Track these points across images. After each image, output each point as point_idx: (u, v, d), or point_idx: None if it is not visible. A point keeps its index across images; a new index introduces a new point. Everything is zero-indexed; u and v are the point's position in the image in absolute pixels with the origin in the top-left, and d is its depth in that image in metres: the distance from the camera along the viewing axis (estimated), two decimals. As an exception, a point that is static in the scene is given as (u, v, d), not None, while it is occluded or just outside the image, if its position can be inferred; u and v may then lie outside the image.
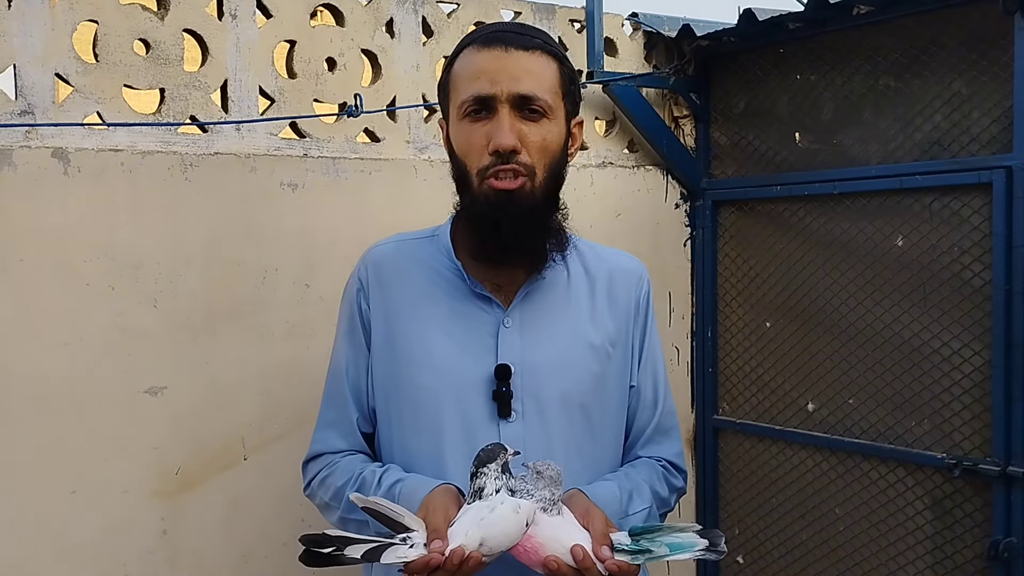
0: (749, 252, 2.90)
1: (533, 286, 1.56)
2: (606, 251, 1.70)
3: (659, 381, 1.70)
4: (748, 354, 2.92)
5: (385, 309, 1.58)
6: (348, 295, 1.65)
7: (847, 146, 2.62)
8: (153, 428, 2.07)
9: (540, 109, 1.46)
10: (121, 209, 2.02)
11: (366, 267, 1.62)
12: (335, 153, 2.31)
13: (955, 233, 2.38)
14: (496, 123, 1.44)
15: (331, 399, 1.65)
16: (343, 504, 1.55)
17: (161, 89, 2.10)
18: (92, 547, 2.00)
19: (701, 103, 2.96)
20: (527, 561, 1.38)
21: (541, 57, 1.48)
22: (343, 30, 2.35)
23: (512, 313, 1.54)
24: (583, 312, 1.59)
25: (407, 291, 1.58)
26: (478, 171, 1.47)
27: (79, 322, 1.97)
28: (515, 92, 1.44)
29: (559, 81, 1.50)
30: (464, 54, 1.50)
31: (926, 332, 2.45)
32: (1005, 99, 2.27)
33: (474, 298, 1.55)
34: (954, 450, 2.40)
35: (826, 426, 2.70)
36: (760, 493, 2.91)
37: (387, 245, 1.65)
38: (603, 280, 1.63)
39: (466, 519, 1.37)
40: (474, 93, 1.45)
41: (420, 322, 1.55)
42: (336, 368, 1.64)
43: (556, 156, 1.50)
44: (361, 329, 1.60)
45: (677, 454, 1.72)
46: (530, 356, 1.53)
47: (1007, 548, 2.26)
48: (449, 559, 1.30)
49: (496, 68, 1.45)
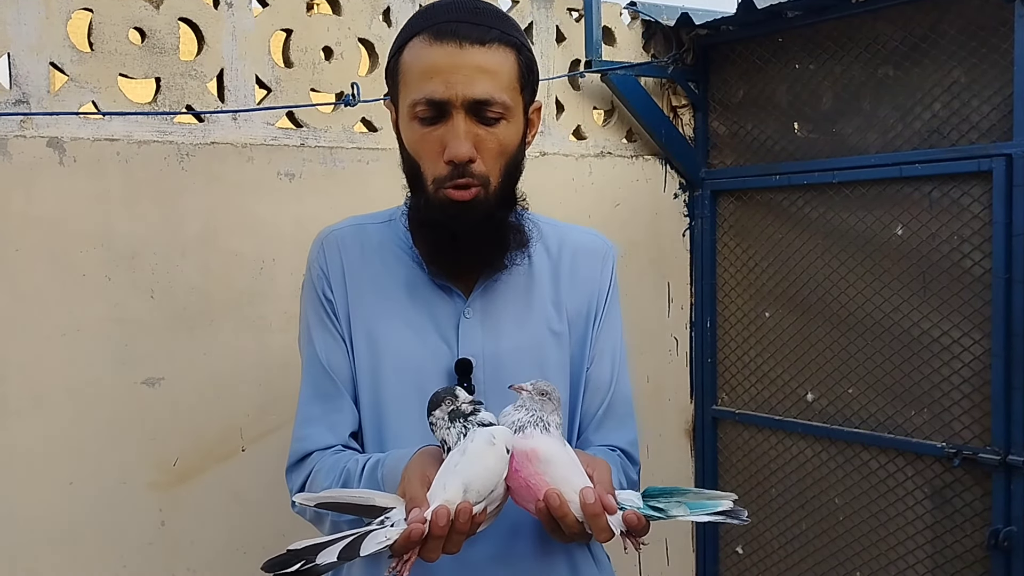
0: (748, 242, 2.89)
1: (495, 275, 1.49)
2: (569, 229, 1.61)
3: (616, 363, 1.59)
4: (747, 344, 2.91)
5: (347, 297, 1.49)
6: (310, 284, 1.53)
7: (846, 135, 2.62)
8: (151, 419, 2.06)
9: (497, 114, 1.37)
10: (117, 199, 2.00)
11: (324, 253, 1.52)
12: (332, 143, 2.30)
13: (955, 222, 2.37)
14: (451, 130, 1.35)
15: (313, 393, 1.50)
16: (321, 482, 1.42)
17: (157, 78, 2.09)
18: (90, 538, 2.00)
19: (700, 92, 2.95)
20: (524, 492, 1.25)
21: (499, 51, 1.37)
22: (340, 19, 2.33)
23: (473, 303, 1.48)
24: (546, 296, 1.52)
25: (367, 278, 1.50)
26: (434, 179, 1.39)
27: (76, 313, 1.96)
28: (471, 97, 1.34)
29: (518, 74, 1.40)
30: (415, 45, 1.38)
31: (926, 321, 2.45)
32: (1005, 87, 2.26)
33: (433, 287, 1.48)
34: (954, 439, 2.40)
35: (825, 416, 2.70)
36: (759, 483, 2.91)
37: (344, 229, 1.54)
38: (567, 260, 1.55)
39: (440, 473, 1.23)
40: (427, 95, 1.35)
41: (381, 311, 1.48)
42: (312, 362, 1.50)
43: (513, 155, 1.43)
44: (334, 318, 1.49)
45: (631, 442, 1.60)
46: (492, 348, 1.46)
47: (1007, 537, 2.26)
48: (433, 522, 1.18)
49: (450, 67, 1.34)
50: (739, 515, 1.29)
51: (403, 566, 1.20)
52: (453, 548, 1.22)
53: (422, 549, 1.20)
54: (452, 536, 1.20)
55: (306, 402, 1.51)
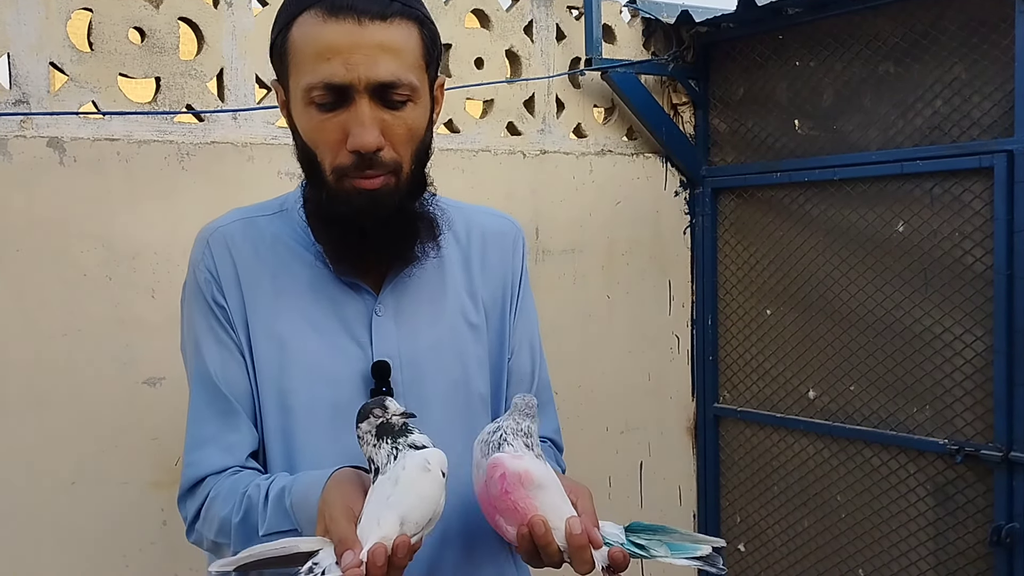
0: (749, 239, 2.89)
1: (405, 268, 1.36)
2: (475, 211, 1.49)
3: (535, 351, 1.50)
4: (749, 342, 2.91)
5: (243, 301, 1.33)
6: (195, 290, 1.35)
7: (847, 132, 2.61)
8: (152, 419, 2.06)
9: (404, 96, 1.23)
10: (118, 199, 2.00)
11: (211, 253, 1.34)
12: (333, 142, 2.29)
13: (956, 218, 2.37)
14: (354, 117, 1.21)
15: (204, 413, 1.32)
16: (233, 540, 1.24)
17: (157, 78, 2.09)
18: (92, 538, 2.00)
19: (700, 90, 2.95)
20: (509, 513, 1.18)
21: (401, 25, 1.23)
22: (340, 18, 2.33)
23: (384, 300, 1.34)
24: (459, 286, 1.41)
25: (264, 279, 1.33)
26: (335, 168, 1.25)
27: (77, 313, 1.96)
28: (375, 80, 1.20)
29: (422, 51, 1.26)
30: (305, 20, 1.23)
31: (927, 318, 2.44)
32: (1006, 83, 2.25)
33: (340, 285, 1.33)
34: (956, 436, 2.39)
35: (827, 413, 2.70)
36: (761, 481, 2.90)
37: (231, 225, 1.37)
38: (476, 245, 1.44)
39: (371, 505, 1.12)
40: (324, 79, 1.21)
41: (283, 314, 1.32)
42: (203, 377, 1.32)
43: (423, 139, 1.30)
44: (227, 325, 1.32)
45: (556, 431, 1.53)
46: (408, 347, 1.34)
47: (1009, 533, 2.26)
48: (371, 563, 1.06)
49: (349, 46, 1.20)
50: (715, 563, 1.25)
51: None
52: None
53: None
54: (391, 572, 1.08)
55: (196, 422, 1.33)
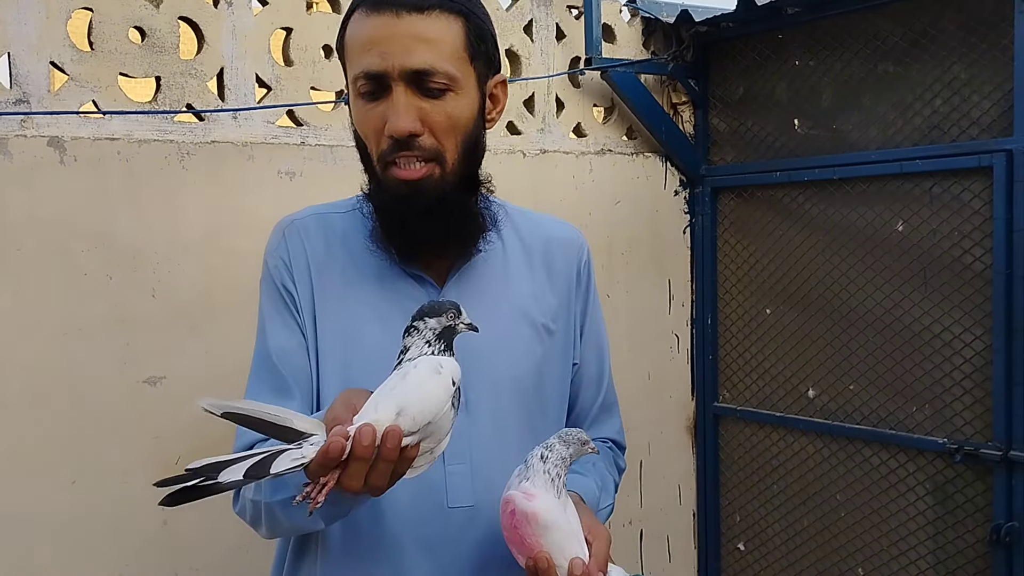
0: (749, 239, 2.89)
1: (467, 263, 1.40)
2: (541, 218, 1.53)
3: (603, 356, 1.56)
4: (748, 341, 2.91)
5: (312, 290, 1.38)
6: (267, 275, 1.42)
7: (846, 131, 2.61)
8: (153, 418, 2.06)
9: (441, 85, 1.27)
10: (118, 198, 2.00)
11: (286, 243, 1.41)
12: (332, 141, 2.30)
13: (955, 217, 2.37)
14: (391, 104, 1.26)
15: (259, 387, 1.38)
16: (265, 487, 1.26)
17: (157, 77, 2.09)
18: (93, 537, 2.00)
19: (700, 89, 2.95)
20: (518, 546, 1.25)
21: (440, 18, 1.27)
22: (339, 17, 2.33)
23: (447, 293, 1.38)
24: (523, 287, 1.44)
25: (333, 270, 1.39)
26: (379, 156, 1.30)
27: (77, 312, 1.96)
28: (409, 67, 1.25)
29: (464, 43, 1.29)
30: (354, 18, 1.30)
31: (927, 317, 2.45)
32: (1005, 82, 2.26)
33: (405, 277, 1.38)
34: (955, 435, 2.40)
35: (827, 412, 2.70)
36: (761, 480, 2.91)
37: (306, 218, 1.43)
38: (540, 251, 1.48)
39: (375, 394, 1.11)
40: (364, 69, 1.26)
41: (350, 305, 1.37)
42: (263, 355, 1.38)
43: (469, 131, 1.32)
44: (292, 309, 1.38)
45: (619, 431, 1.60)
46: (469, 340, 1.33)
47: (1008, 533, 2.26)
48: (356, 440, 1.04)
49: (386, 38, 1.25)
50: None
51: (319, 491, 1.06)
52: (378, 480, 1.08)
53: (342, 475, 1.07)
54: (378, 464, 1.07)
55: (251, 396, 1.38)
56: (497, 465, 1.35)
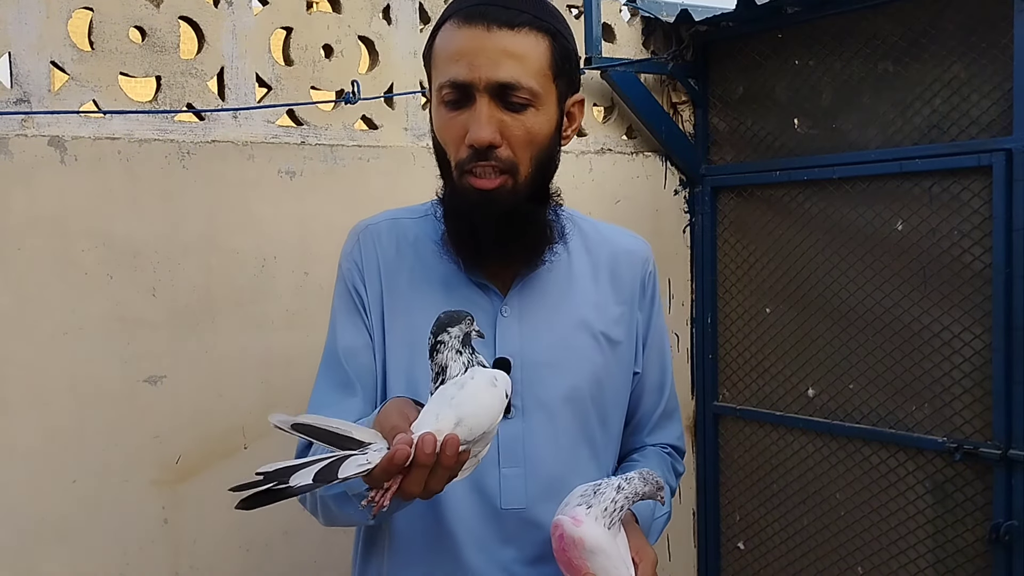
0: (748, 238, 2.89)
1: (531, 273, 1.46)
2: (609, 229, 1.59)
3: (665, 366, 1.60)
4: (748, 340, 2.91)
5: (381, 293, 1.45)
6: (339, 276, 1.51)
7: (846, 131, 2.62)
8: (153, 417, 2.06)
9: (523, 100, 1.32)
10: (118, 198, 2.01)
11: (359, 247, 1.48)
12: (333, 140, 2.30)
13: (955, 217, 2.37)
14: (473, 114, 1.31)
15: (325, 384, 1.47)
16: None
17: (157, 77, 2.09)
18: (93, 536, 2.00)
19: (699, 89, 2.95)
20: (566, 566, 1.31)
21: (529, 35, 1.32)
22: (340, 16, 2.34)
23: (510, 301, 1.43)
24: (586, 297, 1.48)
25: (403, 274, 1.46)
26: (457, 163, 1.35)
27: (78, 311, 1.97)
28: (495, 80, 1.30)
29: (550, 61, 1.34)
30: (445, 28, 1.36)
31: (926, 316, 2.45)
32: (1005, 81, 2.26)
33: (470, 285, 1.44)
34: (955, 434, 2.40)
35: (826, 411, 2.70)
36: (761, 479, 2.91)
37: (380, 224, 1.51)
38: (606, 262, 1.52)
39: (432, 403, 1.18)
40: (451, 78, 1.32)
41: (415, 308, 1.42)
42: (331, 352, 1.47)
43: (544, 146, 1.38)
44: (361, 310, 1.46)
45: (679, 436, 1.65)
46: (530, 348, 1.42)
47: (1008, 531, 2.26)
48: (419, 448, 1.10)
49: (475, 50, 1.30)
50: None
51: (383, 496, 1.13)
52: (436, 484, 1.15)
53: (404, 480, 1.13)
54: (437, 470, 1.13)
55: (318, 391, 1.48)
56: (551, 470, 1.42)
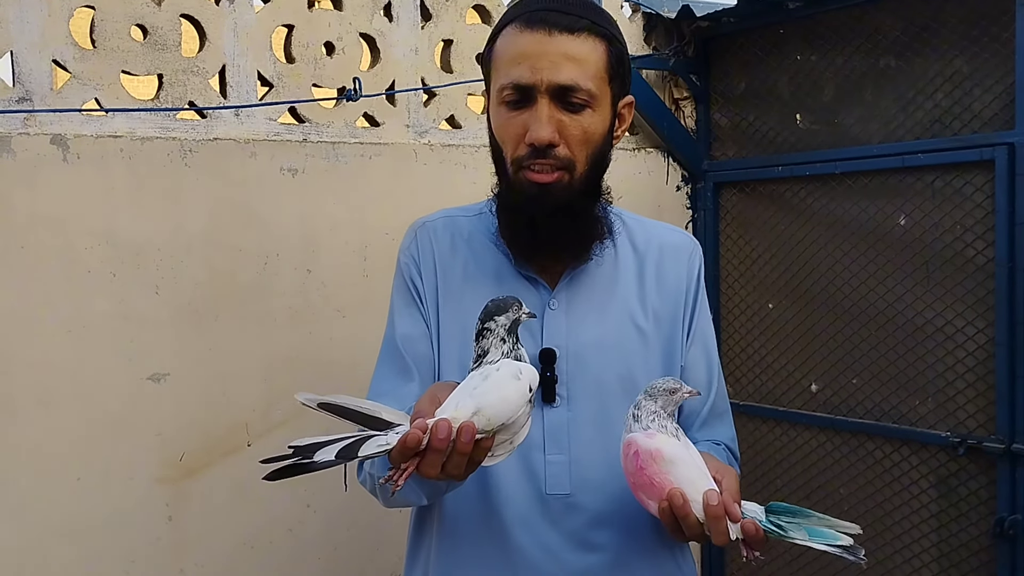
0: (751, 233, 2.89)
1: (580, 267, 1.51)
2: (655, 226, 1.63)
3: (712, 362, 1.61)
4: (751, 336, 2.91)
5: (437, 286, 1.52)
6: (399, 273, 1.57)
7: (848, 125, 2.61)
8: (157, 415, 2.07)
9: (582, 101, 1.38)
10: (121, 195, 2.01)
11: (416, 242, 1.55)
12: (334, 138, 2.30)
13: (957, 211, 2.37)
14: (534, 114, 1.38)
15: (385, 371, 1.53)
16: (376, 461, 1.38)
17: (159, 75, 2.09)
18: (97, 534, 2.01)
19: (701, 84, 2.95)
20: (646, 489, 1.26)
21: (588, 40, 1.39)
22: (341, 14, 2.34)
23: (558, 295, 1.49)
24: (631, 292, 1.53)
25: (456, 267, 1.52)
26: (513, 160, 1.41)
27: (81, 309, 1.97)
28: (556, 82, 1.36)
29: (606, 65, 1.41)
30: (507, 32, 1.42)
31: (929, 311, 2.45)
32: (1007, 75, 2.26)
33: (520, 278, 1.50)
34: (958, 428, 2.40)
35: (830, 406, 2.70)
36: (764, 474, 2.91)
37: (436, 221, 1.57)
38: (652, 257, 1.56)
39: (458, 391, 1.23)
40: (513, 80, 1.38)
41: (467, 299, 1.48)
42: (390, 342, 1.53)
43: (599, 145, 1.45)
44: (418, 302, 1.52)
45: (732, 439, 1.64)
46: (575, 340, 1.47)
47: (1012, 525, 2.26)
48: (433, 433, 1.16)
49: (537, 53, 1.37)
50: (856, 553, 1.27)
51: (399, 476, 1.19)
52: (454, 470, 1.20)
53: (421, 462, 1.19)
54: (453, 456, 1.18)
55: (378, 379, 1.53)
56: (594, 458, 1.45)
